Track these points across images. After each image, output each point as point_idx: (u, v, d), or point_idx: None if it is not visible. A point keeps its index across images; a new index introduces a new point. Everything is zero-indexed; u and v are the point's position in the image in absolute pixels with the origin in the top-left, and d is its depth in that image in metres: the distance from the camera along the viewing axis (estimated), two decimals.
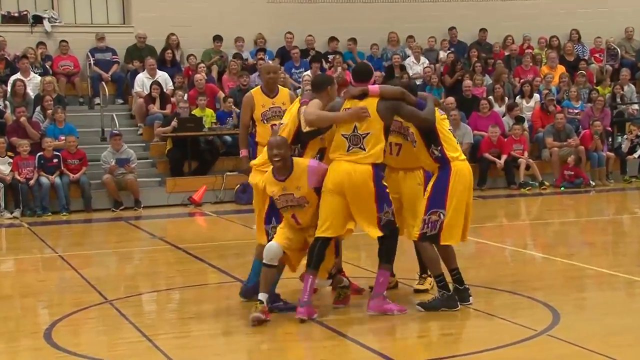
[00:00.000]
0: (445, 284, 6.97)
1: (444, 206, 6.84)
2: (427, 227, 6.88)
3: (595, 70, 20.11)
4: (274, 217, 7.05)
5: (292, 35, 19.12)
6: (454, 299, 6.97)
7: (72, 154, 15.14)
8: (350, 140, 6.77)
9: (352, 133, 6.76)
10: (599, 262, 8.98)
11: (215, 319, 7.06)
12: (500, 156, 16.53)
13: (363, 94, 6.82)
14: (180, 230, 13.38)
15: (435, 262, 6.97)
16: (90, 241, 12.77)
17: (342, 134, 6.80)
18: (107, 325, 7.07)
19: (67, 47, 18.03)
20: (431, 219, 6.86)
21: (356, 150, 6.75)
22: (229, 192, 15.69)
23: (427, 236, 6.90)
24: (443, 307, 6.90)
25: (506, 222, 13.61)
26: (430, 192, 6.91)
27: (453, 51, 19.65)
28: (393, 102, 6.79)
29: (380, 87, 6.91)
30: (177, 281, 8.90)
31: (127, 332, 6.72)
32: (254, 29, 19.22)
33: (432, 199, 6.88)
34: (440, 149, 6.87)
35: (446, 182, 6.85)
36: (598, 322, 6.65)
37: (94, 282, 8.68)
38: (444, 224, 6.84)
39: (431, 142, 6.89)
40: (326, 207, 6.75)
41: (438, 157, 6.90)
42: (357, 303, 7.24)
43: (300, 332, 6.66)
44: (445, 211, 6.84)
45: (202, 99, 16.50)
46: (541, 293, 7.54)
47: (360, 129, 6.74)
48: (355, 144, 6.76)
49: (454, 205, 6.85)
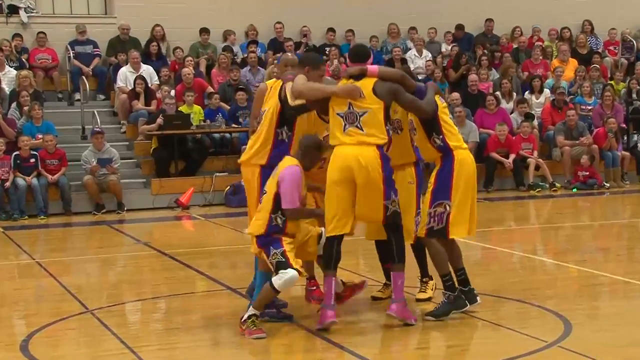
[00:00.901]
0: (452, 285, 6.99)
1: (449, 197, 6.87)
2: (434, 220, 6.90)
3: (610, 64, 20.15)
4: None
5: (282, 26, 19.12)
6: (461, 297, 7.00)
7: (51, 153, 15.12)
8: (346, 119, 6.76)
9: (348, 110, 6.76)
10: (614, 268, 9.00)
11: (204, 329, 7.06)
12: (508, 156, 16.55)
13: (361, 74, 6.85)
14: (167, 234, 13.37)
15: (443, 259, 6.99)
16: (70, 247, 12.76)
17: (337, 113, 6.79)
18: (88, 337, 7.06)
19: (44, 39, 18.02)
20: (437, 211, 6.88)
21: (353, 129, 6.73)
22: (218, 194, 15.69)
23: (434, 231, 6.92)
24: (453, 310, 6.94)
25: (514, 226, 13.63)
26: (434, 184, 6.94)
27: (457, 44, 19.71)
28: (392, 84, 6.82)
29: (379, 67, 6.96)
30: (163, 289, 8.89)
31: (110, 343, 6.71)
32: (244, 20, 19.23)
33: (436, 190, 6.91)
34: (442, 137, 6.92)
35: (450, 172, 6.89)
36: (612, 332, 6.66)
37: (74, 291, 8.67)
38: (450, 216, 6.87)
39: (432, 130, 6.93)
40: (332, 202, 6.74)
41: (440, 146, 6.94)
42: (356, 312, 7.25)
43: (295, 343, 6.67)
44: (450, 202, 6.87)
45: (189, 95, 16.50)
46: (552, 302, 7.56)
47: (355, 106, 6.74)
48: (351, 122, 6.74)
49: (460, 195, 6.88)
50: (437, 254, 6.99)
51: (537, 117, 17.70)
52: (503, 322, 6.97)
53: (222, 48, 18.58)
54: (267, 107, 7.18)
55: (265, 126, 7.12)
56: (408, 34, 20.01)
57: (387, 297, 7.47)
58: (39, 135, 15.31)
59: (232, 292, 8.31)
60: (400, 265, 6.85)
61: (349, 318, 7.08)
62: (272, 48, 19.00)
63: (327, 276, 6.79)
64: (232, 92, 17.04)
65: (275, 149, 7.08)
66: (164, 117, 15.81)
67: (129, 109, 16.88)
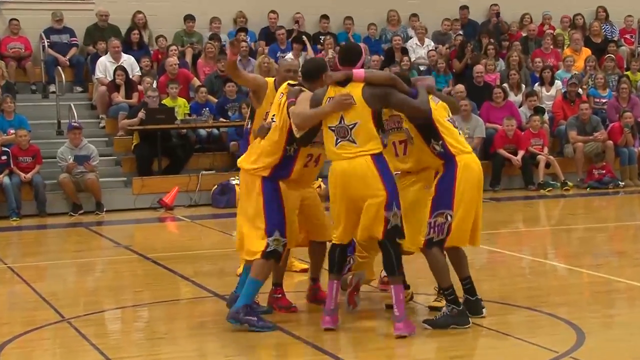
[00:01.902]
0: (455, 298, 6.99)
1: (451, 206, 6.88)
2: (434, 231, 6.92)
3: (626, 53, 20.18)
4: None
5: (277, 15, 19.13)
6: (465, 314, 7.00)
7: (24, 150, 15.11)
8: (337, 133, 6.82)
9: (338, 124, 6.82)
10: (630, 274, 9.02)
11: (189, 339, 7.06)
12: (516, 152, 16.57)
13: (346, 80, 6.86)
14: (149, 237, 13.38)
15: (444, 272, 7.00)
16: (44, 250, 12.73)
17: (329, 127, 6.87)
18: (64, 347, 7.05)
19: (17, 27, 18.00)
20: (437, 221, 6.91)
21: (345, 143, 6.79)
22: (204, 193, 15.69)
23: (433, 242, 6.94)
24: (453, 325, 6.93)
25: (523, 228, 13.64)
26: (435, 192, 6.96)
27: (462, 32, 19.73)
28: (381, 89, 6.83)
29: (366, 71, 6.96)
30: (145, 296, 8.89)
31: (88, 355, 6.70)
32: (232, 7, 19.23)
33: (437, 199, 6.93)
34: (442, 142, 6.93)
35: (452, 179, 6.90)
36: (627, 342, 6.68)
37: (48, 298, 8.66)
38: (451, 227, 6.88)
39: (430, 136, 6.94)
40: (336, 213, 6.94)
41: (440, 152, 6.95)
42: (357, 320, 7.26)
43: (286, 352, 6.69)
44: (452, 212, 6.88)
45: (173, 87, 16.49)
46: (563, 309, 7.57)
47: (346, 119, 6.78)
48: (343, 137, 6.81)
49: (464, 204, 6.89)
50: (437, 266, 7.00)
51: (547, 110, 17.72)
52: (511, 331, 6.97)
53: (209, 36, 18.57)
54: (274, 115, 7.19)
55: (274, 140, 7.14)
56: (409, 22, 20.02)
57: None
58: (11, 131, 15.29)
59: (219, 299, 8.31)
60: (400, 278, 6.89)
61: (349, 326, 7.09)
62: (263, 37, 18.99)
63: (330, 280, 6.93)
64: (220, 84, 17.04)
65: (281, 163, 7.17)
66: (146, 111, 15.80)
67: (109, 102, 16.87)
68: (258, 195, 7.10)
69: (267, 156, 7.14)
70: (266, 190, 7.09)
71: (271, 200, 7.08)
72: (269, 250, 7.01)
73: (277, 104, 7.22)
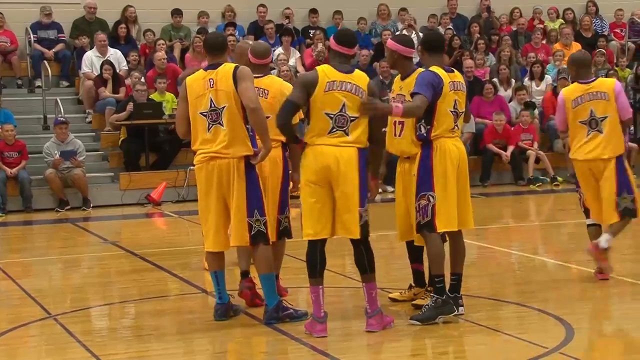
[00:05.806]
0: (442, 288, 7.01)
1: (432, 188, 6.95)
2: (420, 214, 6.98)
3: (616, 48, 20.21)
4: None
5: (266, 10, 19.10)
6: (449, 303, 7.02)
7: (9, 145, 15.07)
8: (335, 121, 6.76)
9: (339, 112, 6.76)
10: (620, 269, 9.03)
11: (177, 336, 7.05)
12: (506, 148, 16.61)
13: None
14: (136, 233, 13.36)
15: (439, 260, 7.01)
16: (30, 247, 12.73)
17: (326, 112, 6.76)
18: (51, 344, 7.03)
19: (3, 20, 17.92)
20: (421, 204, 6.98)
21: (340, 133, 6.76)
22: (192, 189, 15.61)
23: (421, 225, 6.99)
24: (439, 315, 6.95)
25: (513, 223, 13.67)
26: (417, 176, 7.03)
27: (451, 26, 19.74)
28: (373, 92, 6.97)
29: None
30: (132, 293, 8.88)
31: (74, 351, 6.69)
32: (221, 0, 19.18)
33: (419, 182, 7.00)
34: (429, 128, 7.01)
35: (429, 160, 6.99)
36: (617, 338, 6.70)
37: (34, 294, 8.65)
38: (435, 208, 6.91)
39: (423, 117, 6.99)
40: (308, 205, 6.74)
41: (421, 134, 7.03)
42: (346, 318, 7.26)
43: (276, 350, 6.69)
44: (434, 193, 6.93)
45: (161, 82, 16.47)
46: (553, 305, 7.59)
47: (349, 110, 6.75)
48: (340, 127, 6.76)
49: (444, 185, 6.95)
50: (432, 251, 7.01)
51: (537, 105, 17.75)
52: (500, 326, 7.00)
53: (197, 31, 18.53)
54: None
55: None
56: (398, 15, 20.02)
57: (404, 300, 7.59)
58: None
59: (207, 295, 8.31)
60: (373, 275, 6.86)
61: (339, 324, 7.08)
62: (251, 31, 18.96)
63: (314, 285, 6.78)
64: None
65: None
66: (134, 106, 15.77)
67: (95, 96, 16.83)
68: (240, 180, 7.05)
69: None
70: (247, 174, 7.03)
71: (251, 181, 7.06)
72: (254, 233, 6.99)
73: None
